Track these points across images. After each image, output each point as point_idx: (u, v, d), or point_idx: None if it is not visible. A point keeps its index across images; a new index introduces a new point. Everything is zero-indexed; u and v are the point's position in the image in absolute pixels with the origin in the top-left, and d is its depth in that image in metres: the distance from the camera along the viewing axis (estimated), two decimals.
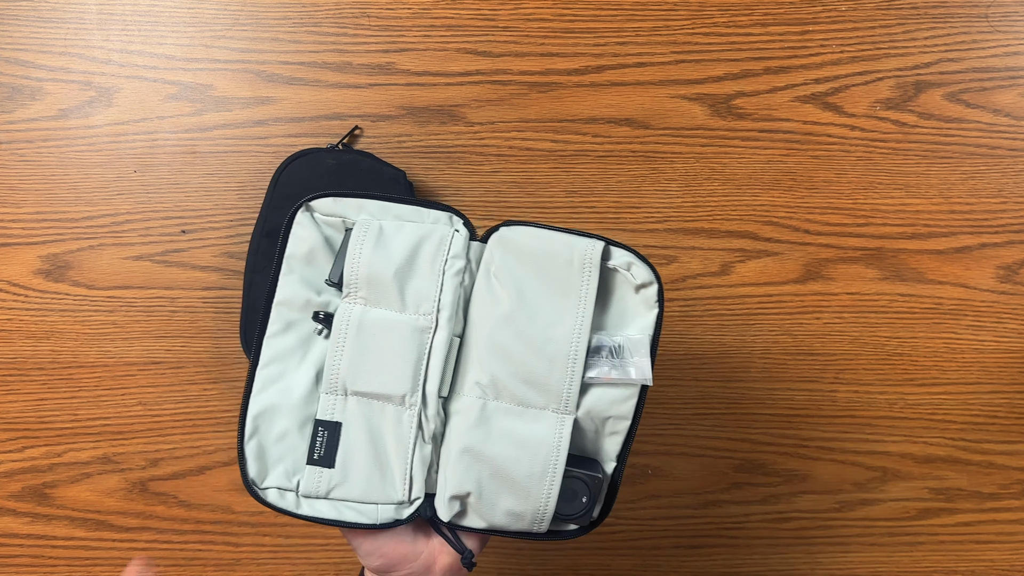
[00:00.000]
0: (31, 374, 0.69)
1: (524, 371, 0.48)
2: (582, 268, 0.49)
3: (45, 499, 0.69)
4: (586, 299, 0.48)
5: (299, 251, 0.50)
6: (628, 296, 0.50)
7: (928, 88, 0.70)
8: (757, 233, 0.70)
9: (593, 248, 0.49)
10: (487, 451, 0.48)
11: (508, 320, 0.48)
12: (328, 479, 0.49)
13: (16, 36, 0.68)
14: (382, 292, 0.49)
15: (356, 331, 0.49)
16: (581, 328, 0.48)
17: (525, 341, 0.48)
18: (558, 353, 0.48)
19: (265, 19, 0.68)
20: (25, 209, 0.68)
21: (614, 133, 0.69)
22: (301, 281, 0.50)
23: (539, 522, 0.49)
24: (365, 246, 0.49)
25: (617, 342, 0.49)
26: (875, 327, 0.70)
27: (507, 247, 0.50)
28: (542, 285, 0.49)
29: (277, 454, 0.49)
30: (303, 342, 0.50)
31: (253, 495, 0.48)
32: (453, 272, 0.50)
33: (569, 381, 0.48)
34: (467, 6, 0.69)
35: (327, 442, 0.49)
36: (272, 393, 0.49)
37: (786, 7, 0.70)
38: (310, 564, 0.70)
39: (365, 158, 0.66)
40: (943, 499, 0.71)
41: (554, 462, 0.48)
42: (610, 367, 0.48)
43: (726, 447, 0.71)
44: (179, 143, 0.68)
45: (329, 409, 0.50)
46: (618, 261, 0.49)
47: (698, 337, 0.70)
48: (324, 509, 0.49)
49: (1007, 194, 0.70)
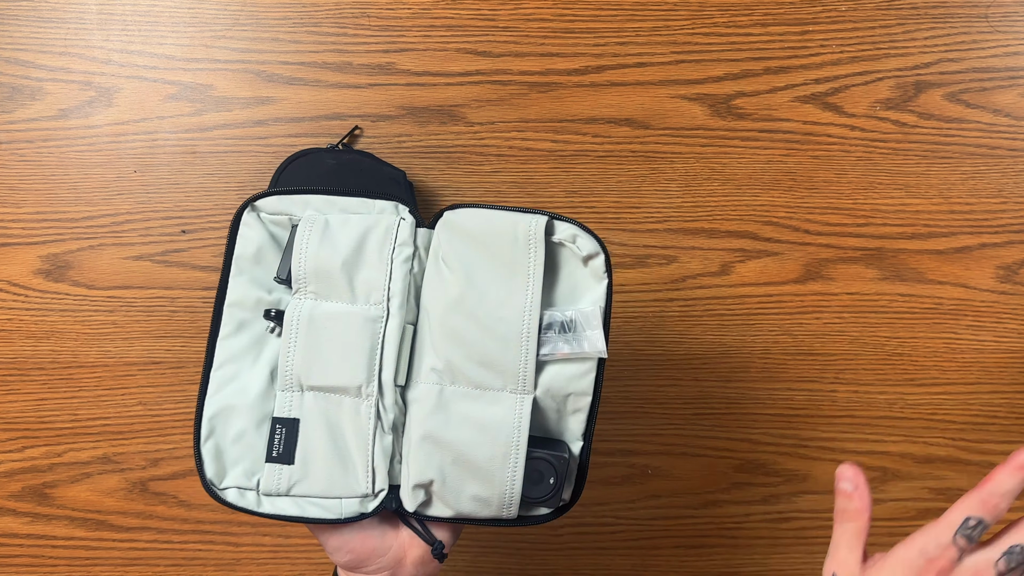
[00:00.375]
0: (31, 374, 0.69)
1: (478, 353, 0.48)
2: (527, 244, 0.48)
3: (45, 499, 0.69)
4: (534, 275, 0.48)
5: (247, 251, 0.50)
6: (578, 270, 0.50)
7: (928, 88, 0.70)
8: (757, 233, 0.70)
9: (536, 223, 0.48)
10: (447, 437, 0.48)
11: (458, 303, 0.48)
12: (288, 476, 0.49)
13: (16, 36, 0.68)
14: (331, 285, 0.49)
15: (307, 325, 0.49)
16: (531, 305, 0.48)
17: (477, 322, 0.48)
18: (510, 332, 0.48)
19: (265, 19, 0.68)
20: (25, 209, 0.68)
21: (614, 133, 0.69)
22: (251, 281, 0.50)
23: (507, 507, 0.48)
24: (311, 240, 0.49)
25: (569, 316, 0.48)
26: (875, 327, 0.70)
27: (453, 230, 0.49)
28: (489, 265, 0.48)
29: (235, 454, 0.49)
30: (256, 342, 0.50)
31: (212, 496, 0.48)
32: (401, 260, 0.49)
33: (524, 360, 0.48)
34: (467, 6, 0.69)
35: (285, 439, 0.49)
36: (227, 394, 0.49)
37: (786, 7, 0.70)
38: (310, 564, 0.71)
39: (365, 158, 0.66)
40: (943, 499, 0.71)
41: (516, 443, 0.47)
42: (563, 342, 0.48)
43: (726, 447, 0.71)
44: (179, 143, 0.68)
45: (286, 406, 0.49)
46: (563, 235, 0.49)
47: (698, 337, 0.70)
48: (286, 506, 0.49)
49: (1007, 194, 0.70)
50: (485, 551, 0.71)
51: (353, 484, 0.49)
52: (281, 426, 0.49)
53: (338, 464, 0.49)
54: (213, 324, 0.50)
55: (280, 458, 0.49)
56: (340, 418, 0.49)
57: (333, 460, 0.49)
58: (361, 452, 0.49)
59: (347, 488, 0.49)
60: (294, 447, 0.49)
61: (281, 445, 0.49)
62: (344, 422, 0.49)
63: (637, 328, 0.70)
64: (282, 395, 0.50)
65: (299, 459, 0.49)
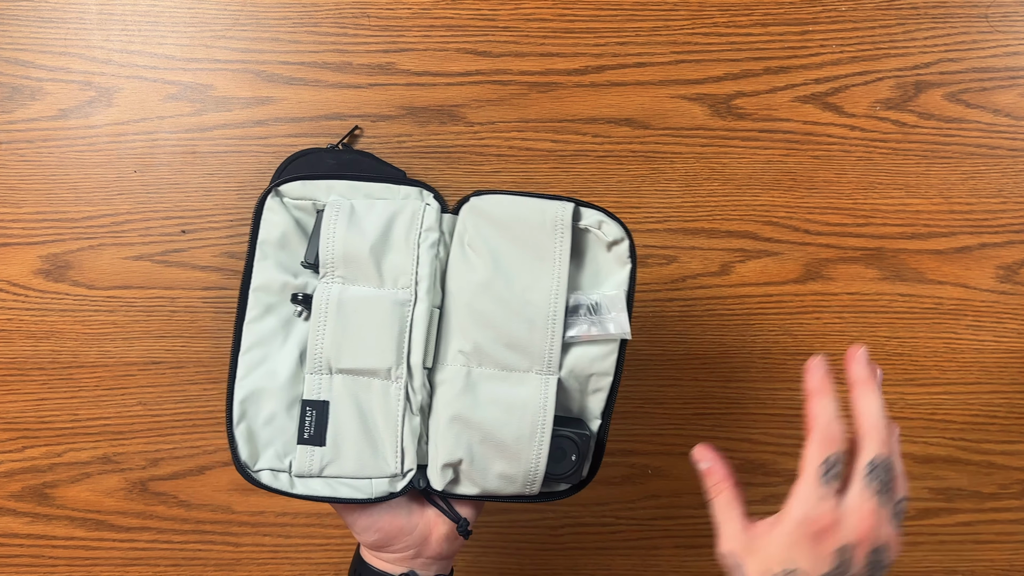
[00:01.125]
0: (31, 374, 0.69)
1: (505, 335, 0.49)
2: (554, 230, 0.49)
3: (45, 499, 0.69)
4: (561, 260, 0.49)
5: (272, 236, 0.51)
6: (601, 255, 0.51)
7: (928, 88, 0.70)
8: (757, 233, 0.70)
9: (564, 209, 0.49)
10: (475, 417, 0.49)
11: (486, 287, 0.49)
12: (320, 457, 0.50)
13: (16, 36, 0.68)
14: (359, 269, 0.50)
15: (336, 309, 0.49)
16: (558, 289, 0.49)
17: (504, 306, 0.49)
18: (538, 315, 0.49)
19: (265, 19, 0.68)
20: (25, 209, 0.68)
21: (614, 133, 0.69)
22: (276, 265, 0.51)
23: (531, 483, 0.50)
24: (338, 225, 0.50)
25: (594, 300, 0.49)
26: (875, 327, 0.70)
27: (479, 216, 0.50)
28: (516, 250, 0.49)
29: (267, 437, 0.50)
30: (283, 325, 0.51)
31: (246, 478, 0.49)
32: (428, 244, 0.50)
33: (550, 342, 0.49)
34: (467, 6, 0.69)
35: (316, 421, 0.50)
36: (256, 377, 0.50)
37: (786, 7, 0.70)
38: (310, 564, 0.71)
39: (365, 158, 0.67)
40: (943, 499, 0.71)
41: (542, 423, 0.49)
42: (589, 324, 0.49)
43: (726, 447, 0.71)
44: (179, 143, 0.68)
45: (315, 388, 0.50)
46: (588, 221, 0.50)
47: (698, 337, 0.70)
48: (318, 487, 0.50)
49: (1007, 194, 0.70)
50: (485, 551, 0.71)
51: (382, 464, 0.50)
52: (311, 408, 0.50)
53: (368, 445, 0.50)
54: (240, 308, 0.50)
55: (311, 440, 0.50)
56: (369, 400, 0.50)
57: (363, 441, 0.50)
58: (390, 433, 0.50)
59: (377, 468, 0.50)
60: (325, 429, 0.50)
61: (312, 427, 0.50)
62: (373, 404, 0.50)
63: (637, 328, 0.70)
64: (311, 378, 0.50)
65: (330, 440, 0.50)
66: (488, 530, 0.71)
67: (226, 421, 0.49)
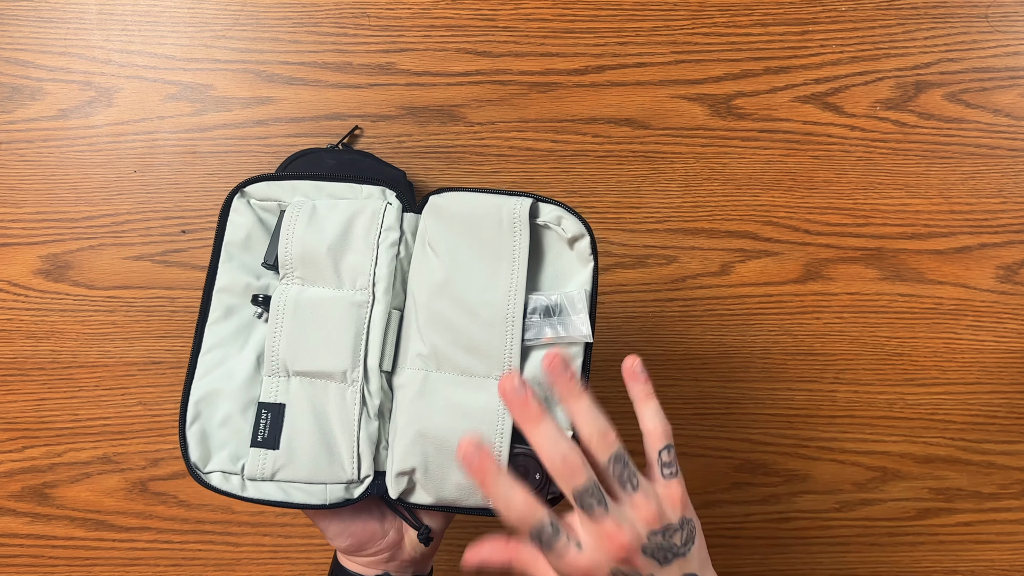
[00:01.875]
0: (31, 374, 0.69)
1: (463, 338, 0.47)
2: (512, 227, 0.48)
3: (45, 499, 0.69)
4: (518, 259, 0.47)
5: (236, 237, 0.50)
6: (564, 253, 0.49)
7: (928, 88, 0.70)
8: (757, 233, 0.70)
9: (520, 205, 0.48)
10: (431, 423, 0.47)
11: (443, 287, 0.48)
12: (273, 461, 0.49)
13: (16, 36, 0.68)
14: (317, 270, 0.49)
15: (293, 311, 0.49)
16: (516, 289, 0.47)
17: (462, 307, 0.47)
18: (495, 316, 0.47)
19: (265, 19, 0.68)
20: (25, 209, 0.68)
21: (614, 133, 0.69)
22: (240, 267, 0.50)
23: None
24: (297, 226, 0.49)
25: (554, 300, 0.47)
26: (875, 327, 0.70)
27: (438, 214, 0.49)
28: (475, 249, 0.48)
29: (221, 438, 0.49)
30: (244, 327, 0.50)
31: (196, 479, 0.48)
32: (387, 244, 0.49)
33: (509, 345, 0.47)
34: (467, 6, 0.69)
35: (271, 424, 0.49)
36: (214, 378, 0.49)
37: (786, 7, 0.70)
38: (310, 564, 0.70)
39: (365, 158, 0.67)
40: (943, 499, 0.71)
41: (500, 431, 0.47)
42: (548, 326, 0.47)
43: (726, 447, 0.71)
44: (179, 143, 0.68)
45: (272, 391, 0.49)
46: (547, 217, 0.48)
47: (698, 337, 0.70)
48: (271, 491, 0.49)
49: (1007, 194, 0.70)
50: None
51: (338, 470, 0.49)
52: (267, 411, 0.49)
53: (323, 450, 0.49)
54: (202, 309, 0.50)
55: (265, 443, 0.49)
56: (326, 404, 0.49)
57: (318, 446, 0.49)
58: (346, 438, 0.49)
59: (332, 474, 0.49)
60: (279, 432, 0.49)
61: (267, 430, 0.49)
62: (330, 408, 0.49)
63: (637, 328, 0.70)
64: (268, 380, 0.49)
65: (284, 444, 0.49)
66: (488, 530, 0.71)
67: (179, 421, 0.48)
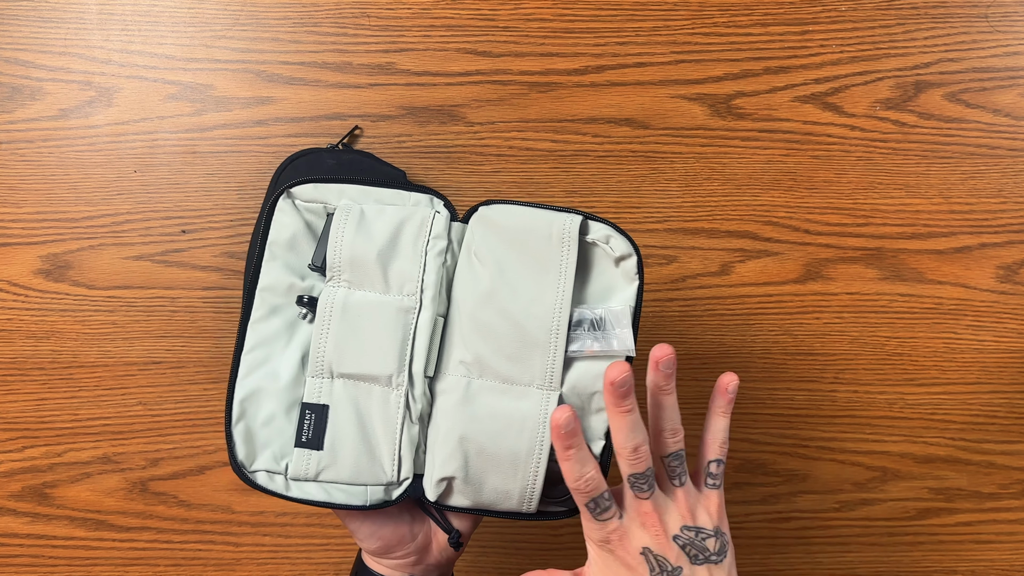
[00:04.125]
0: (31, 374, 0.69)
1: (507, 348, 0.48)
2: (561, 243, 0.48)
3: (45, 499, 0.69)
4: (566, 273, 0.48)
5: (281, 237, 0.51)
6: (609, 270, 0.50)
7: (928, 88, 0.70)
8: (757, 233, 0.70)
9: (571, 222, 0.48)
10: (472, 430, 0.48)
11: (490, 297, 0.48)
12: (317, 461, 0.49)
13: (16, 36, 0.68)
14: (365, 274, 0.49)
15: (340, 313, 0.49)
16: (562, 302, 0.48)
17: (507, 318, 0.48)
18: (540, 328, 0.48)
19: (265, 19, 0.68)
20: (25, 209, 0.68)
21: (614, 133, 0.69)
22: (284, 267, 0.50)
23: (528, 501, 0.49)
24: (347, 229, 0.49)
25: (598, 314, 0.48)
26: (875, 327, 0.70)
27: (487, 225, 0.50)
28: (522, 261, 0.49)
29: (265, 438, 0.49)
30: (288, 327, 0.51)
31: (242, 478, 0.49)
32: (435, 252, 0.50)
33: (552, 356, 0.48)
34: (467, 6, 0.69)
35: (314, 425, 0.49)
36: (258, 377, 0.50)
37: (786, 7, 0.70)
38: (310, 564, 0.71)
39: (365, 158, 0.66)
40: (943, 499, 0.71)
41: (540, 439, 0.48)
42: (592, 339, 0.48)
43: None
44: (179, 143, 0.68)
45: (316, 392, 0.50)
46: (596, 235, 0.49)
47: (698, 337, 0.70)
48: (313, 491, 0.50)
49: (1007, 194, 0.70)
50: (485, 551, 0.71)
51: (379, 472, 0.50)
52: (311, 412, 0.50)
53: (365, 452, 0.50)
54: (244, 308, 0.50)
55: (309, 443, 0.49)
56: (369, 406, 0.50)
57: (360, 447, 0.50)
58: (388, 441, 0.50)
59: (373, 476, 0.50)
60: (323, 433, 0.50)
61: (310, 430, 0.49)
62: (373, 411, 0.50)
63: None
64: (312, 381, 0.50)
65: (327, 445, 0.49)
66: (488, 530, 0.71)
67: (225, 420, 0.49)
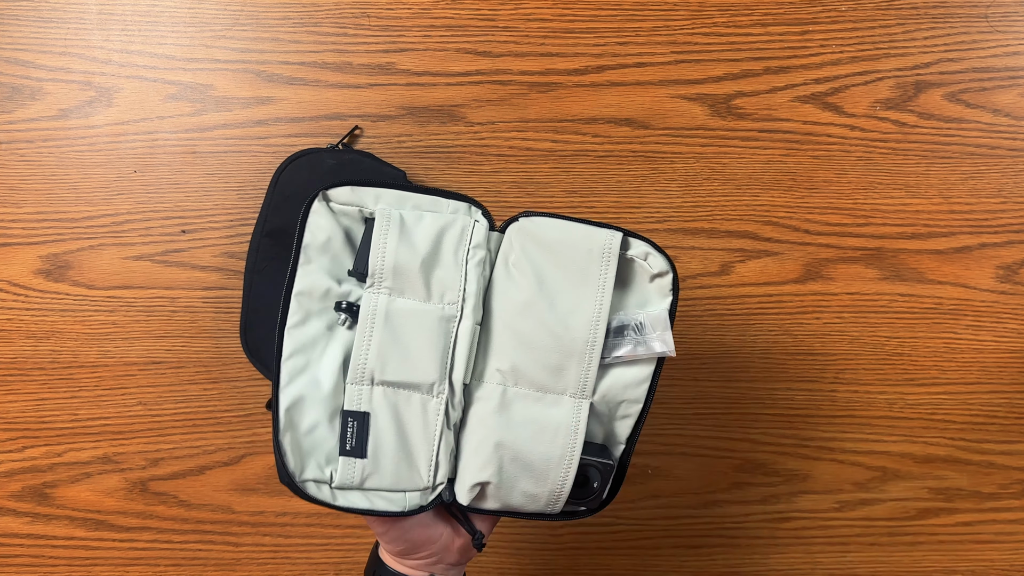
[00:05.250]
0: (31, 374, 0.69)
1: (544, 357, 0.49)
2: (602, 257, 0.49)
3: (45, 499, 0.69)
4: (605, 287, 0.49)
5: (316, 240, 0.50)
6: (644, 285, 0.51)
7: (928, 88, 0.70)
8: (757, 233, 0.70)
9: (612, 239, 0.50)
10: (508, 436, 0.49)
11: (528, 308, 0.49)
12: (361, 469, 0.49)
13: (16, 36, 0.68)
14: (408, 282, 0.49)
15: (383, 321, 0.49)
16: (600, 315, 0.49)
17: (545, 328, 0.49)
18: (577, 339, 0.49)
19: (265, 19, 0.68)
20: (25, 209, 0.68)
21: (614, 133, 0.69)
22: (319, 270, 0.50)
23: (554, 503, 0.50)
24: (390, 237, 0.49)
25: (639, 319, 0.50)
26: (875, 327, 0.70)
27: (527, 236, 0.50)
28: (561, 274, 0.50)
29: (309, 446, 0.49)
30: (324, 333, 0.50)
31: (293, 488, 0.48)
32: (476, 262, 0.50)
33: (588, 366, 0.49)
34: (467, 6, 0.69)
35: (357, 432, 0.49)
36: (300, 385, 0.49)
37: (786, 7, 0.70)
38: (310, 564, 0.71)
39: (365, 158, 0.66)
40: (943, 499, 0.71)
41: (572, 445, 0.49)
42: (634, 344, 0.50)
43: (726, 447, 0.71)
44: (179, 143, 0.68)
45: (356, 399, 0.49)
46: (635, 251, 0.50)
47: (698, 337, 0.70)
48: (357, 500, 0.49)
49: (1007, 194, 0.70)
50: (485, 551, 0.71)
51: (416, 478, 0.50)
52: (353, 419, 0.49)
53: (404, 458, 0.50)
54: (282, 312, 0.49)
55: (353, 451, 0.49)
56: (407, 413, 0.50)
57: (400, 454, 0.50)
58: (426, 447, 0.50)
59: (411, 482, 0.50)
60: (366, 440, 0.49)
61: (354, 438, 0.49)
62: (411, 417, 0.50)
63: None
64: (352, 388, 0.49)
65: (371, 453, 0.49)
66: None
67: (273, 430, 0.48)
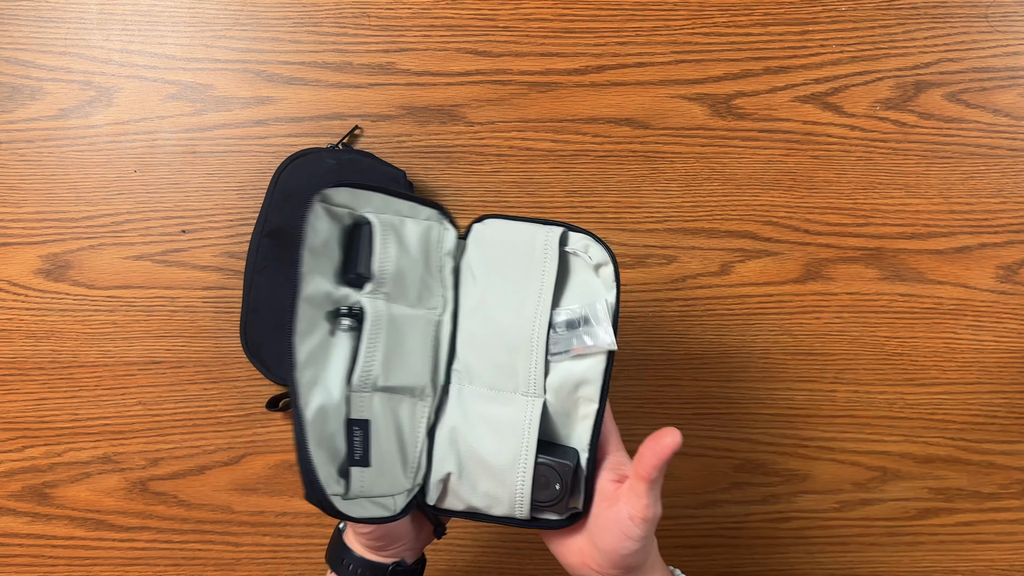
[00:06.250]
0: (31, 374, 0.69)
1: (491, 355, 0.50)
2: (543, 255, 0.50)
3: (45, 499, 0.69)
4: (545, 283, 0.50)
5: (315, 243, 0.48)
6: (590, 280, 0.51)
7: (928, 88, 0.70)
8: (757, 233, 0.70)
9: (551, 234, 0.50)
10: (464, 433, 0.50)
11: (476, 308, 0.51)
12: (369, 478, 0.48)
13: (16, 36, 0.68)
14: (404, 288, 0.50)
15: (387, 326, 0.49)
16: (539, 310, 0.50)
17: (491, 326, 0.50)
18: (520, 336, 0.50)
19: (265, 19, 0.68)
20: (25, 209, 0.68)
21: (614, 133, 0.69)
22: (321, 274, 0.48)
23: (519, 506, 0.49)
24: (389, 243, 0.49)
25: (578, 313, 0.50)
26: (875, 327, 0.70)
27: (481, 240, 0.52)
28: (507, 274, 0.51)
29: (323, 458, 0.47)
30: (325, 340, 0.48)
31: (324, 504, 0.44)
32: (449, 269, 0.52)
33: (533, 363, 0.50)
34: (467, 6, 0.69)
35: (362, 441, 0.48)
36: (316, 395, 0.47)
37: (786, 7, 0.70)
38: (310, 564, 0.70)
39: (365, 158, 0.66)
40: (943, 499, 0.71)
41: (525, 444, 0.49)
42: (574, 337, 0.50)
43: (726, 447, 0.71)
44: (179, 143, 0.68)
45: (359, 407, 0.48)
46: (576, 245, 0.51)
47: (698, 337, 0.70)
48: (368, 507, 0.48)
49: (1007, 194, 0.70)
50: (485, 551, 0.71)
51: (404, 481, 0.50)
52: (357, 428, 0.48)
53: (399, 463, 0.50)
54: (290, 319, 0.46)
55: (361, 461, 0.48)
56: (400, 417, 0.50)
57: (395, 459, 0.50)
58: (412, 450, 0.50)
59: (401, 485, 0.50)
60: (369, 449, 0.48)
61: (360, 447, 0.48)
62: (403, 421, 0.50)
63: (637, 328, 0.70)
64: (356, 396, 0.48)
65: (374, 460, 0.48)
66: (489, 530, 0.71)
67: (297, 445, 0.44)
